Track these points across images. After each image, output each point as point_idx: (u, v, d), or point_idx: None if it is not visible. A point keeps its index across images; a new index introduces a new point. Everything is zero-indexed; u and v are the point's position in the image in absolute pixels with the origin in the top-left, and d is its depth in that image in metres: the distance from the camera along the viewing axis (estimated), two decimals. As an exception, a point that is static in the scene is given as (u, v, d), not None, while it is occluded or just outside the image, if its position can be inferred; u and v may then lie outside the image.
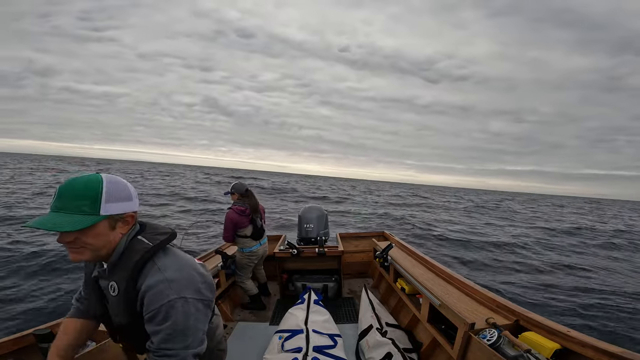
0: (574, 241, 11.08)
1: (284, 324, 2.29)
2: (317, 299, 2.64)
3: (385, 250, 2.81)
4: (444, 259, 7.00)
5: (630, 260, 8.50)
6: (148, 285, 0.78)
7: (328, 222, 3.80)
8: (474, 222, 15.02)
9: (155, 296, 0.76)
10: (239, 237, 2.84)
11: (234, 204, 2.82)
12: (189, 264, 0.87)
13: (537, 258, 7.97)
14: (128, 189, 0.85)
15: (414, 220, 13.12)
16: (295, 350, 1.91)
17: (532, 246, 9.53)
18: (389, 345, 1.98)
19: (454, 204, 28.86)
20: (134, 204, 0.86)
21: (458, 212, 20.45)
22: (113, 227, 0.81)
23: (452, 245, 8.74)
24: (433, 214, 17.81)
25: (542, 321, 1.47)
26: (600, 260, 8.37)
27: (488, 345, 1.40)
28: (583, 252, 9.33)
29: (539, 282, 5.81)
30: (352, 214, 14.50)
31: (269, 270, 3.41)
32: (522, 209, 28.53)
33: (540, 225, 15.40)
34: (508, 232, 12.39)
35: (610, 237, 12.75)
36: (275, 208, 14.86)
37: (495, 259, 7.60)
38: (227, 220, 2.75)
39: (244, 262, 2.91)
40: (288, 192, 26.63)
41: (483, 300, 1.84)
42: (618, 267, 7.54)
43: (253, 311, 3.01)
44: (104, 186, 0.78)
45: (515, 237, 10.87)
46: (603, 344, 1.21)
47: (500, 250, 8.71)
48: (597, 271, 6.90)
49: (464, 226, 13.03)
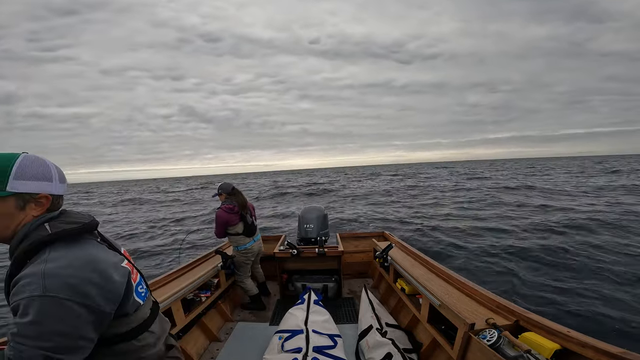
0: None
1: (284, 324, 2.29)
2: (317, 299, 2.64)
3: (385, 250, 2.81)
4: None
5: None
6: (22, 275, 0.67)
7: (328, 222, 3.81)
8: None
9: (20, 288, 0.65)
10: (232, 236, 2.87)
11: (223, 203, 2.86)
12: (89, 263, 0.72)
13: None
14: (49, 169, 0.77)
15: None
16: (295, 350, 1.91)
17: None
18: (389, 345, 1.97)
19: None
20: (53, 187, 0.78)
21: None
22: (22, 207, 0.73)
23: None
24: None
25: (542, 321, 1.47)
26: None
27: (488, 345, 1.40)
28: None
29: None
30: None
31: (269, 270, 3.41)
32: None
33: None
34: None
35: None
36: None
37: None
38: (217, 218, 2.79)
39: (240, 260, 2.93)
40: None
41: (483, 301, 1.84)
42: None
43: (253, 311, 3.01)
44: (18, 162, 0.72)
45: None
46: (603, 344, 1.21)
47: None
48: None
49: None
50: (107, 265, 0.76)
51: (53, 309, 0.63)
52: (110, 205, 23.13)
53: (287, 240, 3.34)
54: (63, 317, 0.64)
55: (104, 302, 0.71)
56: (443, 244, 6.67)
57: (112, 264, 0.78)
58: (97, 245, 0.81)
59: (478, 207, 11.68)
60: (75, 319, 0.66)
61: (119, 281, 0.76)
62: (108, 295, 0.73)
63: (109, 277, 0.74)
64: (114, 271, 0.76)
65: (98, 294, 0.70)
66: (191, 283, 2.32)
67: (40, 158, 0.77)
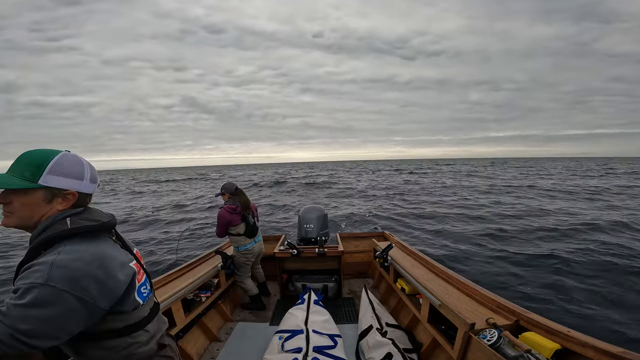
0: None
1: (284, 324, 2.29)
2: (317, 299, 2.64)
3: (385, 250, 2.81)
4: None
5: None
6: (33, 262, 0.71)
7: (328, 222, 3.80)
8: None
9: (27, 273, 0.68)
10: (233, 236, 2.86)
11: (225, 203, 2.85)
12: (98, 259, 0.75)
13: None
14: (83, 168, 0.83)
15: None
16: (295, 350, 1.91)
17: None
18: (389, 345, 1.97)
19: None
20: (83, 185, 0.83)
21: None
22: (50, 200, 0.78)
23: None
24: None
25: (542, 321, 1.47)
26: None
27: (488, 345, 1.40)
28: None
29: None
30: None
31: (269, 270, 3.41)
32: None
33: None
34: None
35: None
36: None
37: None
38: (219, 218, 2.78)
39: (241, 261, 2.92)
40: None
41: (483, 301, 1.84)
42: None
43: (253, 311, 3.01)
44: (55, 158, 0.78)
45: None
46: (603, 344, 1.21)
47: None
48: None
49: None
50: (115, 264, 0.79)
51: (49, 298, 0.66)
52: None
53: (287, 240, 3.34)
54: (56, 307, 0.67)
55: (101, 298, 0.74)
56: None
57: (120, 263, 0.82)
58: (111, 244, 0.85)
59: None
60: (66, 311, 0.68)
61: (122, 280, 0.80)
62: (107, 293, 0.75)
63: (113, 275, 0.77)
64: (119, 270, 0.80)
65: (97, 289, 0.73)
66: (191, 283, 2.32)
67: (78, 157, 0.84)
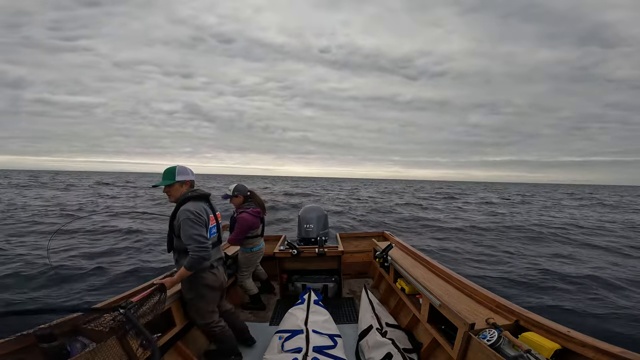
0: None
1: (284, 324, 2.29)
2: (317, 299, 2.64)
3: (385, 250, 2.81)
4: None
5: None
6: (179, 211, 1.82)
7: (328, 222, 3.80)
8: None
9: (179, 215, 1.80)
10: (249, 238, 2.80)
11: (245, 206, 2.72)
12: (199, 208, 1.85)
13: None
14: (187, 169, 1.94)
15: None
16: (295, 350, 1.91)
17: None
18: (389, 345, 1.98)
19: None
20: (191, 177, 1.95)
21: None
22: (181, 185, 1.91)
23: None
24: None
25: (542, 321, 1.47)
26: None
27: (488, 345, 1.40)
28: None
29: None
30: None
31: (269, 270, 3.41)
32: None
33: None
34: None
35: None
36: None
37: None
38: (243, 223, 2.63)
39: (252, 261, 2.90)
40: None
41: (483, 301, 1.84)
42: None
43: (253, 311, 3.01)
44: (177, 168, 1.91)
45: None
46: (603, 344, 1.21)
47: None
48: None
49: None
50: (204, 212, 1.88)
51: (190, 222, 1.77)
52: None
53: (287, 240, 3.34)
54: (195, 225, 1.78)
55: (204, 221, 1.85)
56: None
57: (206, 212, 1.90)
58: (205, 204, 1.94)
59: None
60: (199, 226, 1.80)
61: (205, 219, 1.86)
62: (202, 219, 1.84)
63: (203, 215, 1.86)
64: (205, 215, 1.88)
65: (203, 217, 1.85)
66: None
67: (184, 166, 1.94)
